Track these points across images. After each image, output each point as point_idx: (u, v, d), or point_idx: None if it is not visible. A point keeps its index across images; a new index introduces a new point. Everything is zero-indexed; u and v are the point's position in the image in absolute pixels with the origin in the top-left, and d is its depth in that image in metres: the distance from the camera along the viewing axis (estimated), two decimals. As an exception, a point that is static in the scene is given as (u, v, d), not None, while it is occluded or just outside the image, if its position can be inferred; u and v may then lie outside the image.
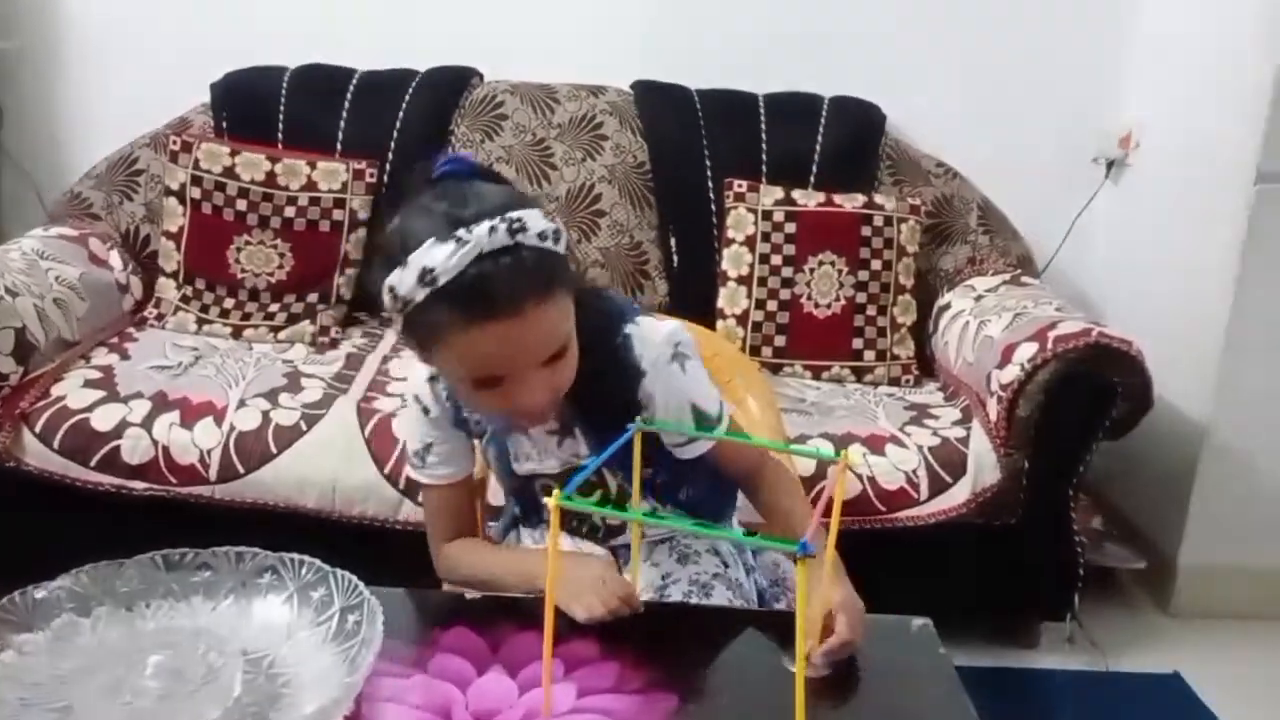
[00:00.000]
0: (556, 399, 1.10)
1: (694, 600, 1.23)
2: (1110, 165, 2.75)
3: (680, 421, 1.19)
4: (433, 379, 1.22)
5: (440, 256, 0.97)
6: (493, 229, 0.98)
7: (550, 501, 0.87)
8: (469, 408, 1.20)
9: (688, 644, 1.12)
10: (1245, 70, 2.28)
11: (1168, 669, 2.19)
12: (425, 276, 0.98)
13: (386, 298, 1.02)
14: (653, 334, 1.18)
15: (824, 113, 2.60)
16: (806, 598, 0.87)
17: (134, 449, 1.98)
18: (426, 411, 1.23)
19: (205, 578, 1.09)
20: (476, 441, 1.29)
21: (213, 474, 1.97)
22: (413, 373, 1.24)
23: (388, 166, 2.54)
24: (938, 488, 2.03)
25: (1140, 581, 2.48)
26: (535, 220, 1.01)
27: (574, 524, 1.32)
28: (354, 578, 1.07)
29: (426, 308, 1.00)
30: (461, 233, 0.98)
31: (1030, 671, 2.17)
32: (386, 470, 1.97)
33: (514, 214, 1.00)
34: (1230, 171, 2.30)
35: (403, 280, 0.99)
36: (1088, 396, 2.03)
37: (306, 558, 1.11)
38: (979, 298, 2.41)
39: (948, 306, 2.47)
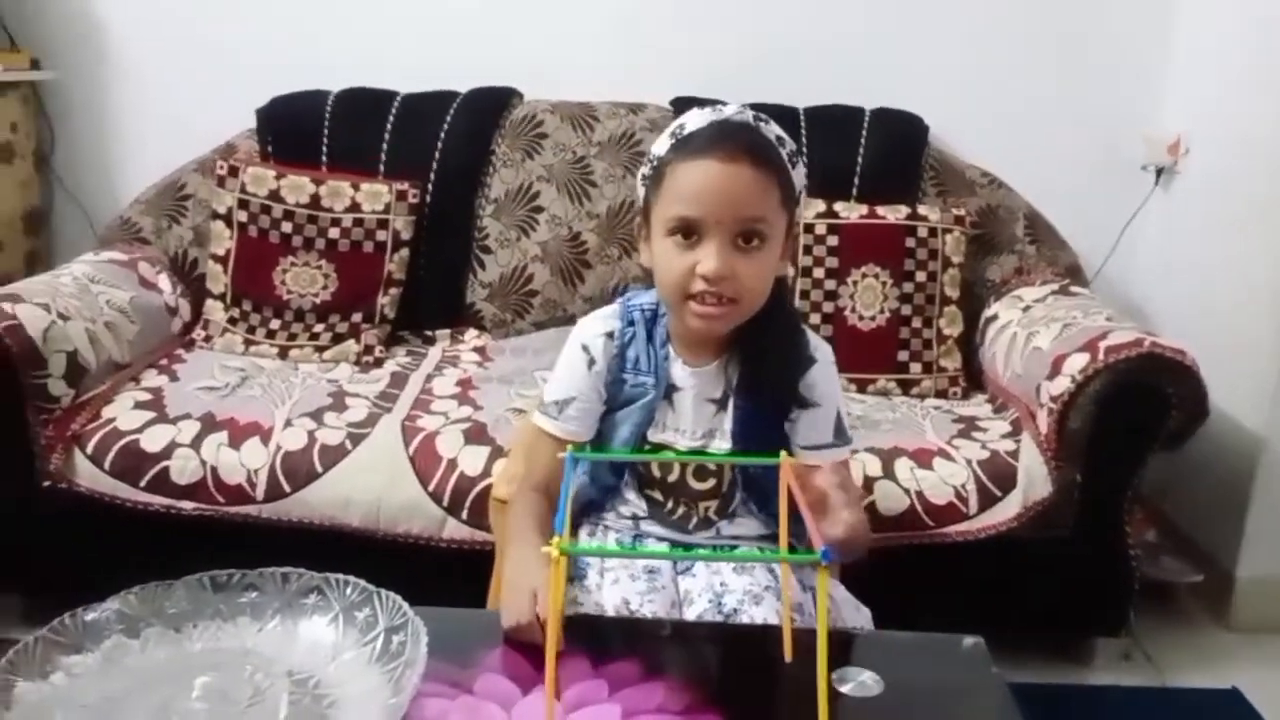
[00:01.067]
0: (736, 304, 1.18)
1: (745, 609, 1.24)
2: (1159, 173, 2.70)
3: (815, 430, 1.29)
4: (609, 334, 1.30)
5: (693, 118, 1.20)
6: (743, 108, 1.21)
7: (550, 550, 0.87)
8: (663, 279, 1.21)
9: (733, 663, 1.11)
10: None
11: (1226, 684, 2.14)
12: (677, 131, 1.21)
13: (643, 166, 1.25)
14: (821, 340, 1.33)
15: (865, 124, 2.58)
16: (824, 605, 0.88)
17: (183, 469, 2.00)
18: (591, 363, 1.29)
19: (252, 598, 1.10)
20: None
21: (260, 493, 1.99)
22: (588, 323, 1.33)
23: (430, 187, 2.56)
24: (987, 502, 1.99)
25: (1197, 595, 2.43)
26: (781, 130, 1.22)
27: (658, 500, 1.33)
28: (399, 598, 1.07)
29: (665, 154, 1.20)
30: (718, 107, 1.21)
31: (1085, 689, 2.13)
32: (431, 488, 1.97)
33: (764, 115, 1.21)
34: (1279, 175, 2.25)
35: (659, 140, 1.23)
36: (1140, 407, 1.99)
37: (351, 578, 1.11)
38: (1027, 308, 2.38)
39: (995, 317, 2.44)
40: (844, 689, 1.03)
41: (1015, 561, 2.05)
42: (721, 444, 1.28)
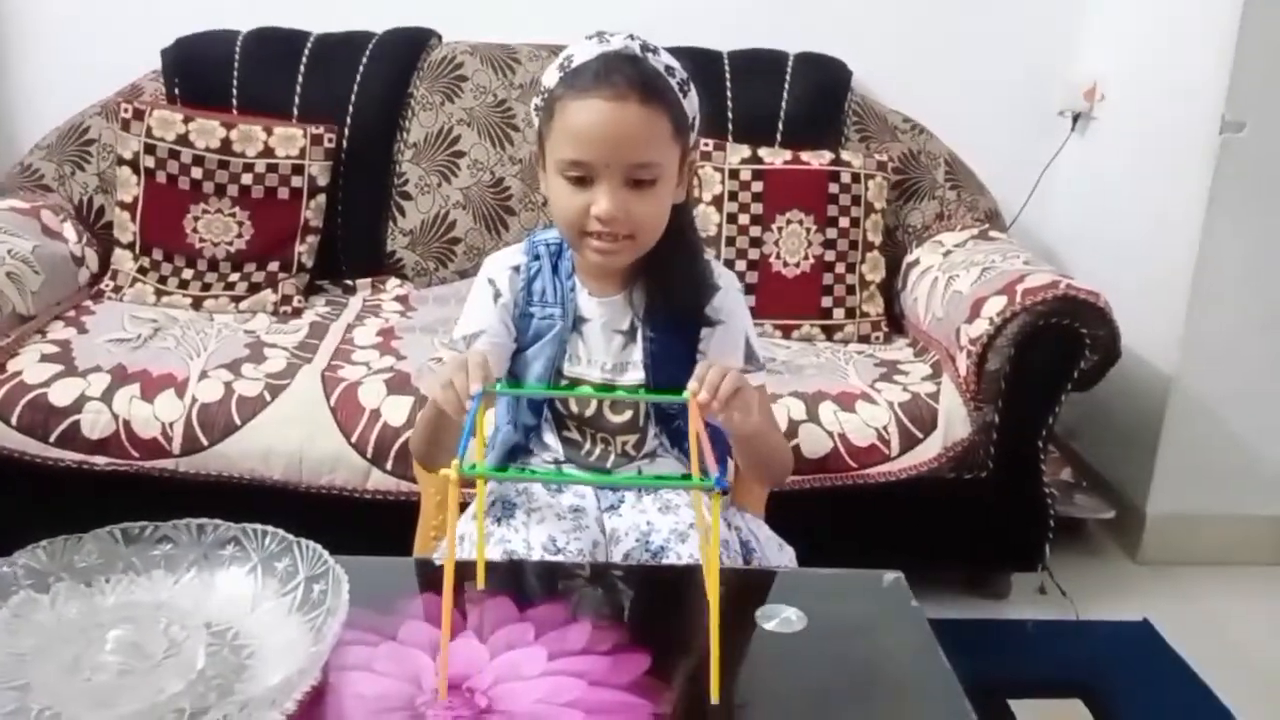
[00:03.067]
0: (633, 240, 1.19)
1: (672, 547, 1.25)
2: (1076, 118, 2.74)
3: (731, 353, 1.28)
4: (515, 268, 1.29)
5: (581, 50, 1.19)
6: (630, 39, 1.20)
7: (449, 473, 0.87)
8: (557, 217, 1.22)
9: (658, 603, 1.11)
10: (1208, 18, 2.28)
11: (1137, 616, 2.22)
12: (564, 64, 1.19)
13: (535, 98, 1.23)
14: (725, 269, 1.34)
15: (789, 69, 2.57)
16: (718, 534, 0.91)
17: (94, 423, 1.94)
18: (497, 296, 1.28)
19: (166, 551, 1.07)
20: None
21: (176, 447, 1.94)
22: (494, 258, 1.33)
23: (346, 131, 2.49)
24: (909, 443, 2.02)
25: (1109, 531, 2.51)
26: (670, 59, 1.21)
27: (576, 441, 1.33)
28: (319, 547, 1.05)
29: (555, 88, 1.18)
30: (605, 36, 1.20)
31: (1002, 622, 2.19)
32: (354, 439, 1.94)
33: (653, 44, 1.20)
34: (1195, 121, 2.30)
35: (549, 72, 1.21)
36: (1056, 348, 2.03)
37: (270, 528, 1.09)
38: (947, 253, 2.41)
39: (916, 262, 2.47)
40: (768, 625, 1.04)
41: (934, 500, 2.09)
42: (634, 375, 1.28)
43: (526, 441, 1.34)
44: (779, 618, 1.05)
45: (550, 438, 1.33)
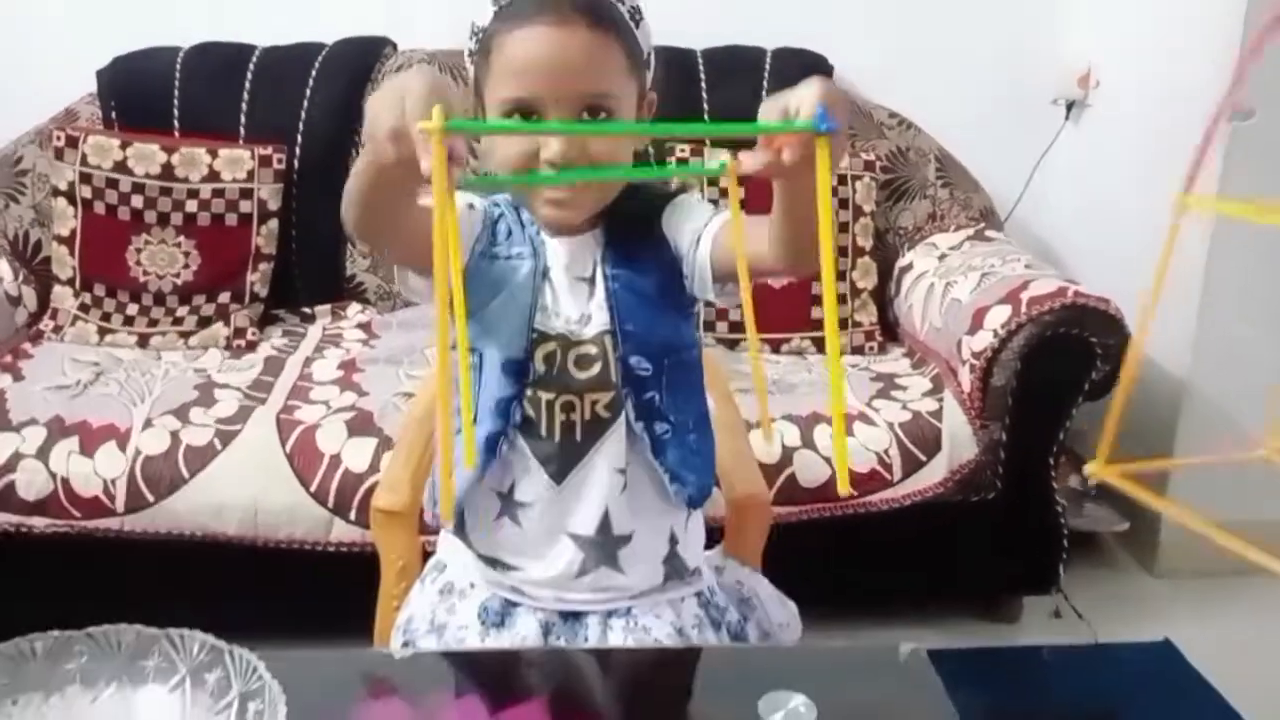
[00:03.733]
0: (587, 187, 1.04)
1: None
2: (1070, 106, 2.61)
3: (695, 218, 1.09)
4: (485, 202, 1.12)
5: None
6: None
7: (429, 126, 0.70)
8: (504, 168, 1.02)
9: (649, 696, 0.98)
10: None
11: (1157, 636, 2.10)
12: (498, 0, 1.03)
13: (469, 41, 1.07)
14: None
15: (767, 66, 2.43)
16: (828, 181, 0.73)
17: (30, 483, 1.80)
18: (471, 206, 1.09)
19: (81, 664, 0.93)
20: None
21: (119, 505, 1.79)
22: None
23: (297, 150, 2.34)
24: (912, 467, 1.90)
25: (1124, 543, 2.38)
26: None
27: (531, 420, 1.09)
28: (252, 657, 0.91)
29: (489, 29, 1.03)
30: None
31: (1017, 650, 2.07)
32: (313, 489, 1.80)
33: None
34: (1200, 109, 2.17)
35: (480, 14, 1.05)
36: (1065, 359, 1.91)
37: (198, 634, 0.95)
38: (942, 256, 2.28)
39: (909, 267, 2.34)
40: (773, 718, 0.91)
41: (940, 524, 1.96)
42: (598, 321, 1.08)
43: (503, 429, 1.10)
44: (784, 709, 0.92)
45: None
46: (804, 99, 0.79)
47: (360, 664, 1.07)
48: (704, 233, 1.05)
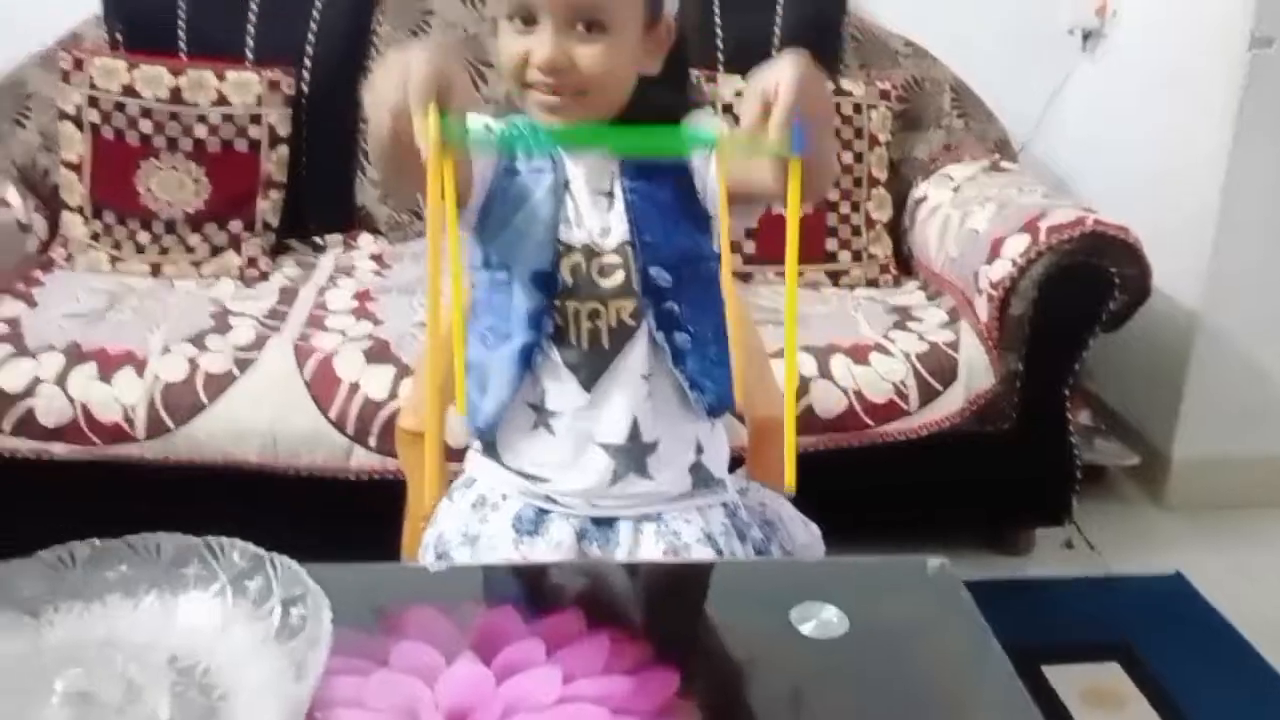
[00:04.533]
0: (585, 96, 1.03)
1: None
2: (1086, 36, 2.58)
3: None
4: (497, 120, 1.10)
5: None
6: None
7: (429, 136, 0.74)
8: (503, 71, 1.05)
9: (681, 608, 0.99)
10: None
11: (1168, 568, 2.12)
12: None
13: None
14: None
15: (783, -7, 2.40)
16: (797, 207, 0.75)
17: (49, 409, 1.79)
18: (488, 128, 1.07)
19: (121, 572, 0.93)
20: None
21: (139, 431, 1.79)
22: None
23: (305, 75, 2.31)
24: (928, 396, 1.90)
25: (1134, 477, 2.40)
26: None
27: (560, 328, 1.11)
28: (294, 564, 0.91)
29: None
30: None
31: (1030, 581, 2.09)
32: (332, 415, 1.80)
33: None
34: (1218, 39, 2.15)
35: None
36: (1084, 289, 1.91)
37: (238, 542, 0.94)
38: (958, 187, 2.26)
39: (924, 198, 2.32)
40: (804, 629, 0.92)
41: (953, 454, 1.97)
42: (618, 233, 1.10)
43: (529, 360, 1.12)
44: (816, 619, 0.93)
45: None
46: (782, 88, 0.83)
47: (395, 576, 1.07)
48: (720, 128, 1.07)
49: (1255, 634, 1.93)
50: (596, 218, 1.10)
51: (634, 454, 1.12)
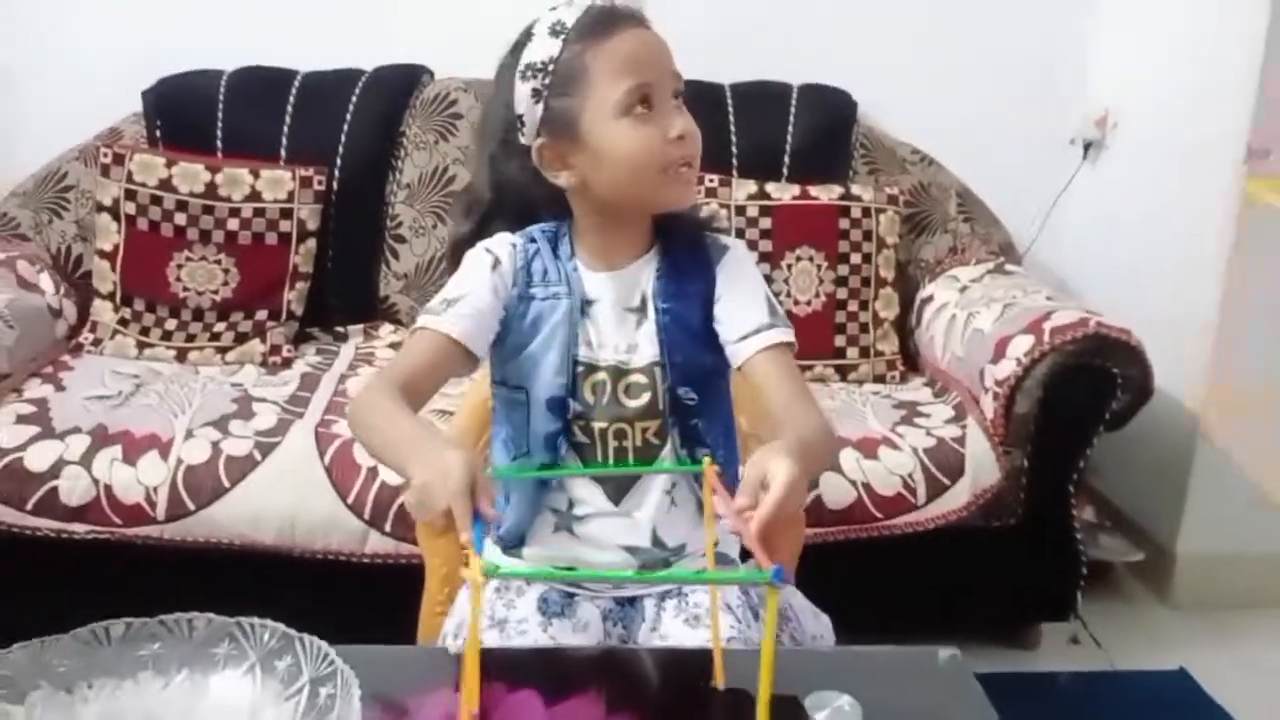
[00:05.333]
0: (697, 161, 1.11)
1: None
2: (1088, 147, 2.67)
3: (742, 314, 1.15)
4: (513, 245, 1.16)
5: (565, 13, 1.11)
6: None
7: (471, 574, 0.75)
8: (628, 164, 1.09)
9: (698, 693, 1.01)
10: (1227, 40, 2.21)
11: (1173, 665, 2.12)
12: (555, 28, 1.10)
13: (525, 84, 1.10)
14: (730, 236, 1.24)
15: (794, 101, 2.49)
16: (772, 633, 0.79)
17: (73, 489, 1.83)
18: (496, 264, 1.14)
19: (154, 650, 0.96)
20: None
21: (160, 513, 1.83)
22: (484, 242, 1.17)
23: (336, 173, 2.39)
24: (936, 491, 1.93)
25: (1138, 574, 2.41)
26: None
27: (585, 445, 1.16)
28: (323, 644, 0.94)
29: (563, 56, 1.09)
30: (562, 4, 1.12)
31: (1035, 676, 2.09)
32: (350, 500, 1.84)
33: None
34: (1216, 149, 2.22)
35: (535, 49, 1.10)
36: (1087, 389, 1.95)
37: (268, 622, 0.98)
38: (964, 288, 2.32)
39: (930, 299, 2.38)
40: (819, 716, 0.94)
41: (960, 548, 1.99)
42: (647, 352, 1.15)
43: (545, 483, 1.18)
44: (830, 707, 0.95)
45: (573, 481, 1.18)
46: (768, 499, 0.87)
47: (420, 658, 1.10)
48: (747, 345, 1.12)
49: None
50: (623, 335, 1.15)
51: (658, 556, 1.17)
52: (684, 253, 1.16)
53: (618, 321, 1.15)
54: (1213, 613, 2.28)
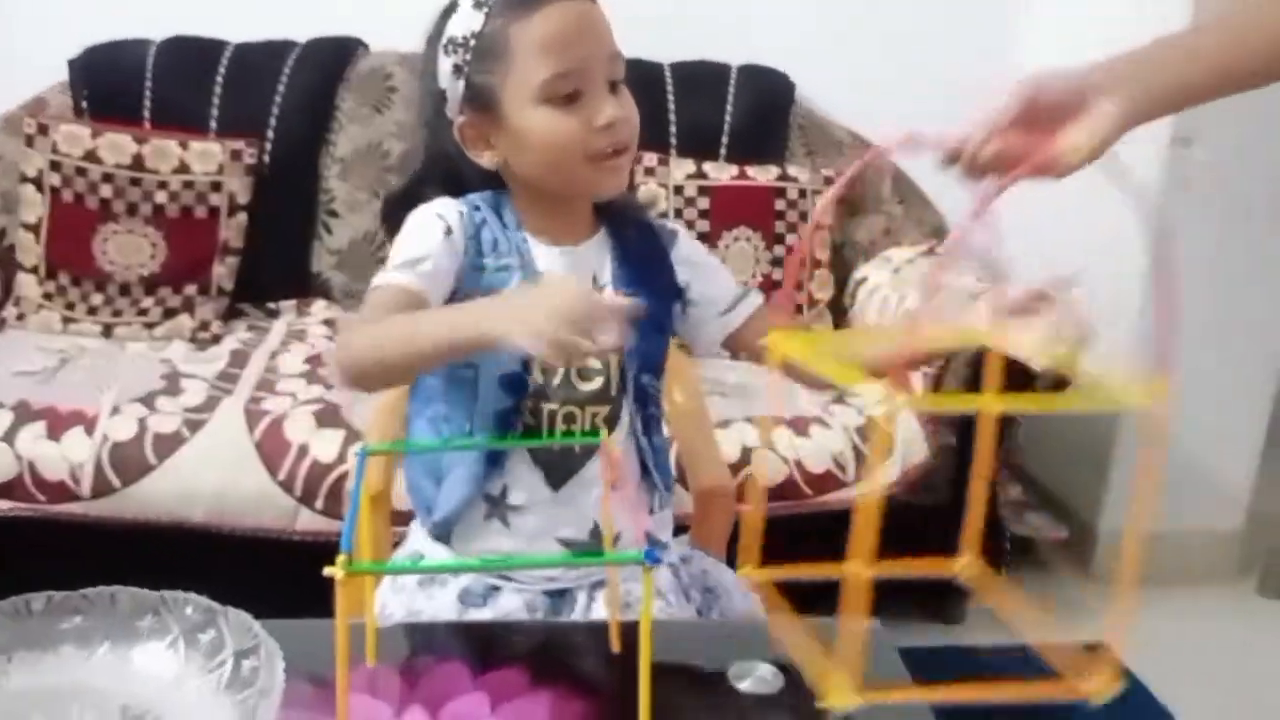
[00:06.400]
0: (629, 152, 1.06)
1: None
2: (1019, 131, 2.71)
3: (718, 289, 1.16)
4: (460, 212, 1.08)
5: None
6: None
7: (335, 571, 0.73)
8: (550, 152, 1.04)
9: (623, 666, 1.02)
10: (1155, 22, 2.25)
11: (1094, 639, 2.17)
12: (479, 2, 1.04)
13: (448, 59, 1.05)
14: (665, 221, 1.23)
15: (733, 82, 2.51)
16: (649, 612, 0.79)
17: (-5, 466, 1.79)
18: (448, 231, 1.06)
19: (76, 624, 0.95)
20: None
21: (85, 490, 1.80)
22: (427, 206, 1.09)
23: (268, 146, 2.36)
24: (866, 469, 1.97)
25: (1062, 551, 2.48)
26: None
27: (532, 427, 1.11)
28: (247, 617, 0.93)
29: (485, 30, 1.03)
30: None
31: (959, 649, 2.14)
32: (280, 477, 1.82)
33: None
34: (1142, 135, 2.27)
35: (458, 22, 1.05)
36: (1015, 368, 1.98)
37: (192, 595, 0.97)
38: (896, 270, 2.36)
39: (864, 280, 2.41)
40: (741, 685, 0.96)
41: (889, 526, 2.00)
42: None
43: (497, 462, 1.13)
44: (753, 676, 0.97)
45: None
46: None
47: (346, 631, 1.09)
48: (736, 314, 1.14)
49: (1176, 704, 1.99)
50: None
51: (594, 547, 1.12)
52: (636, 239, 1.13)
53: None
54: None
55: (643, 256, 1.13)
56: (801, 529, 1.93)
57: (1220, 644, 2.24)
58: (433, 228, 1.07)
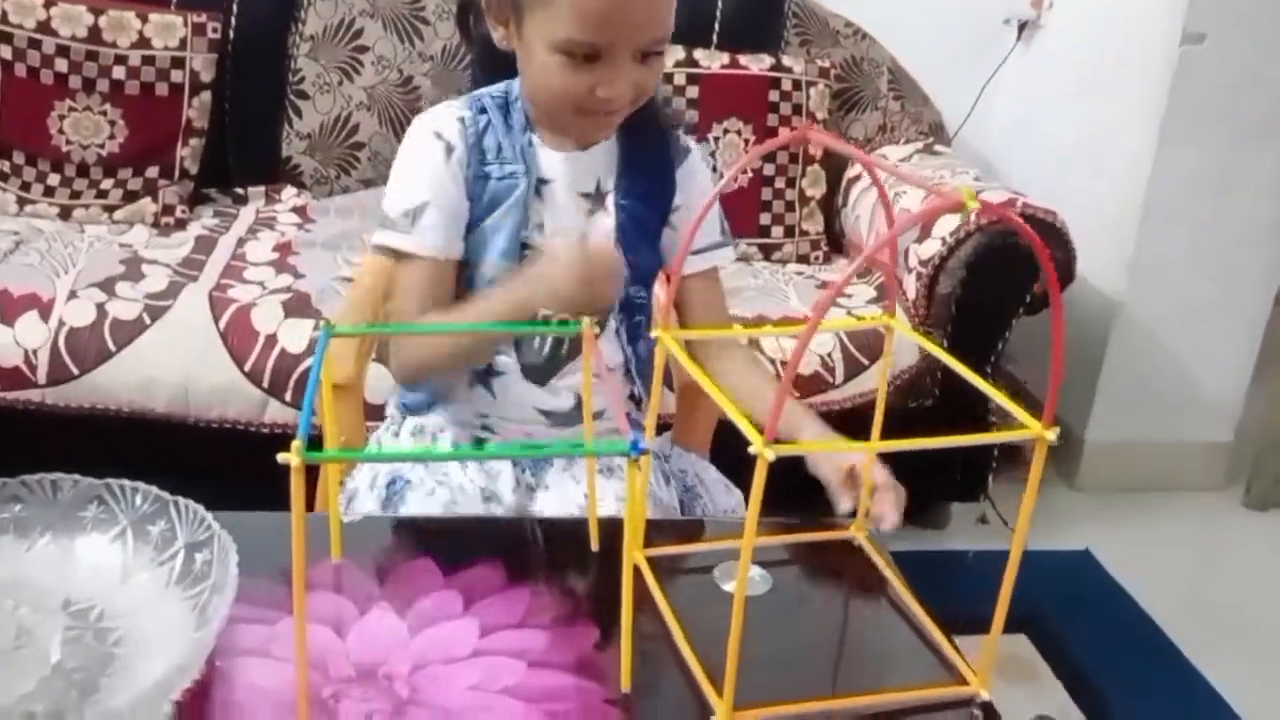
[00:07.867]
0: (635, 104, 1.04)
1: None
2: (1022, 26, 2.61)
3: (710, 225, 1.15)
4: (461, 120, 1.08)
5: None
6: None
7: (290, 457, 0.67)
8: (545, 91, 1.03)
9: (603, 563, 0.98)
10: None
11: (1077, 545, 2.17)
12: None
13: None
14: (688, 138, 1.18)
15: (728, -28, 2.39)
16: (641, 498, 0.81)
17: (-55, 351, 1.71)
18: (450, 150, 1.07)
19: (15, 513, 0.89)
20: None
21: (41, 376, 1.72)
22: (432, 113, 1.10)
23: (233, 20, 2.23)
24: (854, 371, 1.91)
25: (1048, 458, 2.45)
26: None
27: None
28: (199, 507, 0.87)
29: None
30: None
31: (944, 554, 2.12)
32: (247, 367, 1.75)
33: None
34: (1151, 33, 2.18)
35: None
36: (1011, 271, 1.93)
37: (140, 485, 0.91)
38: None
39: (858, 178, 2.33)
40: (727, 587, 0.92)
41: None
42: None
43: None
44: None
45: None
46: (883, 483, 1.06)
47: (309, 526, 1.04)
48: (696, 259, 1.13)
49: (1157, 608, 2.00)
50: (575, 222, 1.09)
51: (576, 418, 1.14)
52: (645, 147, 1.11)
53: (573, 205, 1.10)
54: (1116, 496, 2.34)
55: (649, 167, 1.12)
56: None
57: (1204, 551, 2.26)
58: (433, 154, 1.07)
